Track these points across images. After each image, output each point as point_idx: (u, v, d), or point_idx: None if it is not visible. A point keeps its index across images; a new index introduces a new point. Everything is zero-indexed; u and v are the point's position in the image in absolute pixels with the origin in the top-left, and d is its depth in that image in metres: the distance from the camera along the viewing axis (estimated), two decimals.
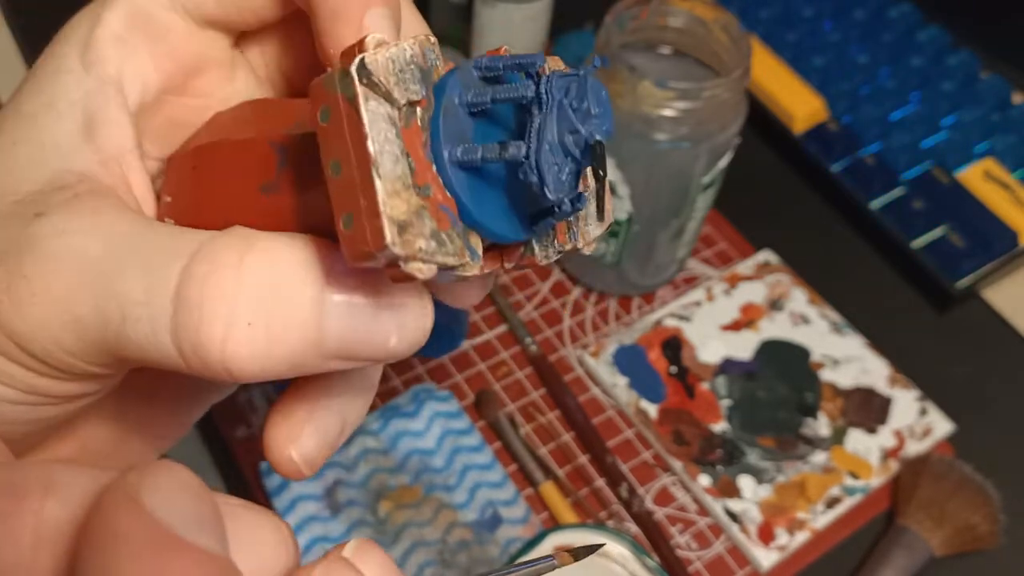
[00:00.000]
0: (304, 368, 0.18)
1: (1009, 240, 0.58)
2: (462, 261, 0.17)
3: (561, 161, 0.17)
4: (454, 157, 0.17)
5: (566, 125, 0.17)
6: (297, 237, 0.18)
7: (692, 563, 0.47)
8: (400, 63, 0.16)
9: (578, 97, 0.17)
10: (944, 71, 0.66)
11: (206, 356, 0.17)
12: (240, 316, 0.17)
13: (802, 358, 0.54)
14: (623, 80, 0.45)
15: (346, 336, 0.18)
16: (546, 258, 0.19)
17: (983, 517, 0.47)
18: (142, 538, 0.13)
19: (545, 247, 0.19)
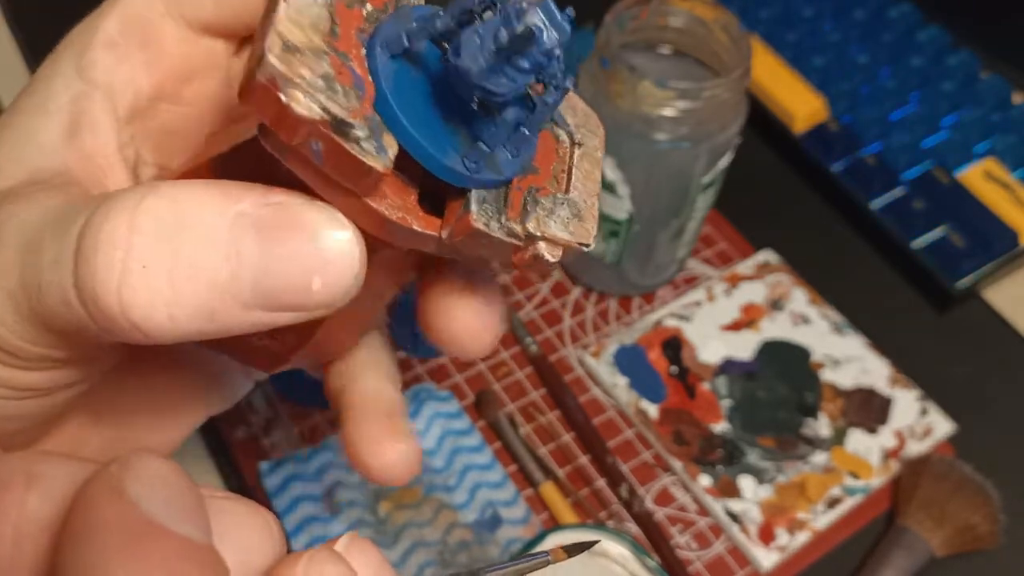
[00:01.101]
0: (225, 320, 0.16)
1: (1009, 240, 0.58)
2: (356, 125, 0.15)
3: (487, 40, 0.15)
4: (384, 40, 0.16)
5: (501, 18, 0.16)
6: (206, 180, 0.17)
7: (692, 563, 0.47)
8: None
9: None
10: (944, 71, 0.66)
11: (105, 307, 0.15)
12: (134, 258, 0.15)
13: (802, 358, 0.54)
14: (623, 80, 0.45)
15: (262, 277, 0.16)
16: (485, 224, 0.17)
17: (983, 517, 0.47)
18: (125, 527, 0.13)
19: (486, 210, 0.18)
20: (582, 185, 0.19)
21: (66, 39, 0.21)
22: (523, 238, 0.18)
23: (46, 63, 0.21)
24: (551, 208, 0.19)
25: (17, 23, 0.67)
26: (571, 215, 0.19)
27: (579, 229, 0.19)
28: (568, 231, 0.19)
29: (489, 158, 0.18)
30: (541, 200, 0.19)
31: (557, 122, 0.20)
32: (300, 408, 0.50)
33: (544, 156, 0.19)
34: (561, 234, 0.19)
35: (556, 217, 0.19)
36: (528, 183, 0.19)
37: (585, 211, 0.19)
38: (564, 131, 0.20)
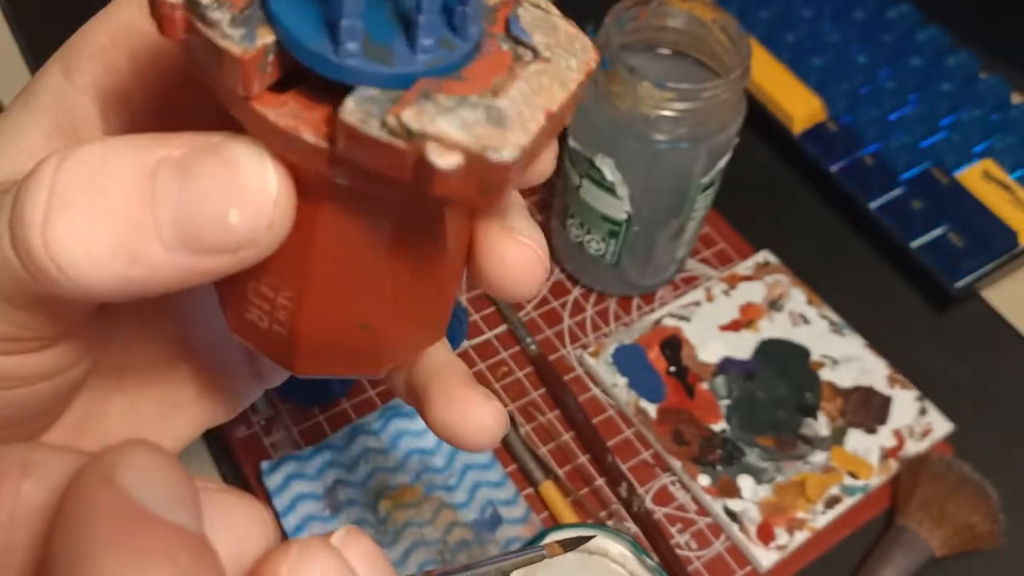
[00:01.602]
0: (149, 263, 0.16)
1: (1008, 240, 0.58)
2: (211, 7, 0.15)
3: None
4: None
5: None
6: (144, 133, 0.17)
7: (692, 563, 0.47)
8: None
9: None
10: (943, 71, 0.66)
11: (33, 249, 0.15)
12: (57, 198, 0.15)
13: (801, 358, 0.54)
14: (623, 81, 0.45)
15: (180, 213, 0.15)
16: (360, 120, 0.15)
17: (983, 517, 0.47)
18: (116, 515, 0.13)
19: (365, 107, 0.15)
20: (525, 96, 0.15)
21: (63, 46, 0.21)
22: (405, 136, 0.15)
23: (45, 65, 0.21)
24: (451, 107, 0.15)
25: (17, 23, 0.67)
26: (484, 119, 0.15)
27: (489, 133, 0.15)
28: (469, 132, 0.15)
29: (377, 49, 0.15)
30: (438, 97, 0.15)
31: (522, 41, 0.17)
32: (300, 408, 0.50)
33: (486, 70, 0.16)
34: (455, 133, 0.14)
35: (454, 115, 0.15)
36: (442, 88, 0.15)
37: (513, 120, 0.15)
38: (528, 49, 0.17)
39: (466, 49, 0.16)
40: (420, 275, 0.19)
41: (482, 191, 0.15)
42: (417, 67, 0.15)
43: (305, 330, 0.19)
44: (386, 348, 0.20)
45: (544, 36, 0.17)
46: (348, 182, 0.16)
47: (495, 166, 0.14)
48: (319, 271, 0.18)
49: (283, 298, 0.18)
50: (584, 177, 0.50)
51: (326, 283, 0.18)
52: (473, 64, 0.16)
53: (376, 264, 0.18)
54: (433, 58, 0.15)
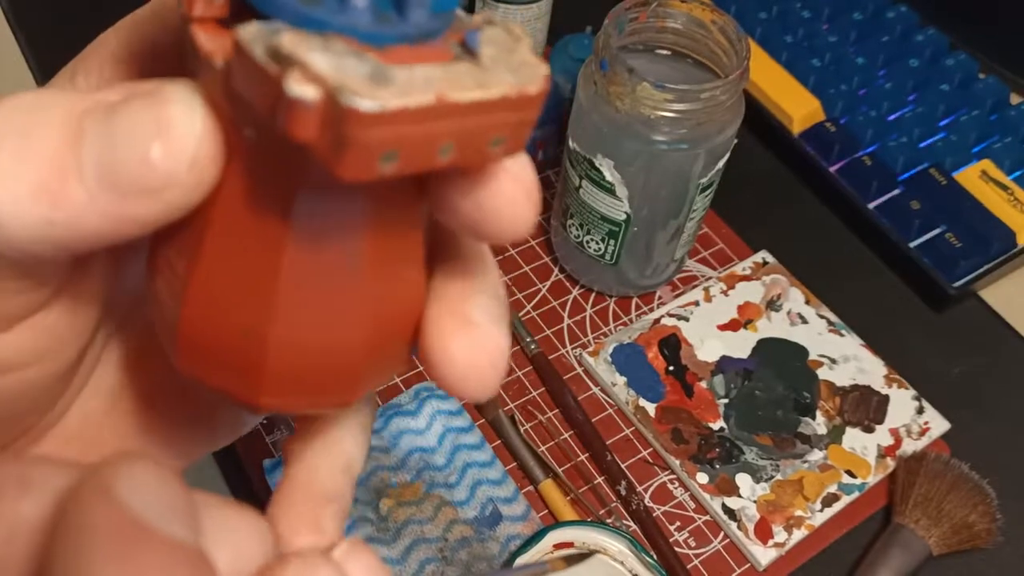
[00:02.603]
0: (71, 206, 0.15)
1: (1006, 240, 0.58)
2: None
3: None
4: None
5: None
6: None
7: (690, 560, 0.47)
8: None
9: None
10: (942, 72, 0.66)
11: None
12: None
13: (799, 357, 0.54)
14: (622, 82, 0.45)
15: (102, 151, 0.15)
16: (250, 40, 0.14)
17: (980, 515, 0.47)
18: (114, 528, 0.13)
19: (264, 33, 0.14)
20: (427, 76, 0.14)
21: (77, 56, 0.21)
22: (278, 61, 0.13)
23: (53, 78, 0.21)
24: (339, 51, 0.14)
25: (17, 23, 0.68)
26: (366, 72, 0.13)
27: (360, 82, 0.13)
28: (339, 72, 0.13)
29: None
30: (335, 42, 0.14)
31: (469, 49, 0.15)
32: None
33: (412, 55, 0.14)
34: (323, 67, 0.13)
35: (333, 56, 0.13)
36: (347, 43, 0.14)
37: (395, 84, 0.13)
38: (470, 56, 0.15)
39: (401, 31, 0.14)
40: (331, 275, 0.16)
41: (335, 146, 0.13)
42: (334, 19, 0.14)
43: (191, 326, 0.16)
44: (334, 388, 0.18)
45: (494, 51, 0.15)
46: (253, 135, 0.15)
47: (348, 112, 0.13)
48: (224, 251, 0.16)
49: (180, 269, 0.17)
50: (584, 178, 0.50)
51: (218, 268, 0.16)
52: (401, 47, 0.14)
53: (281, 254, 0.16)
54: (358, 21, 0.14)
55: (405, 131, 0.13)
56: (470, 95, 0.14)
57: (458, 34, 0.15)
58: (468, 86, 0.14)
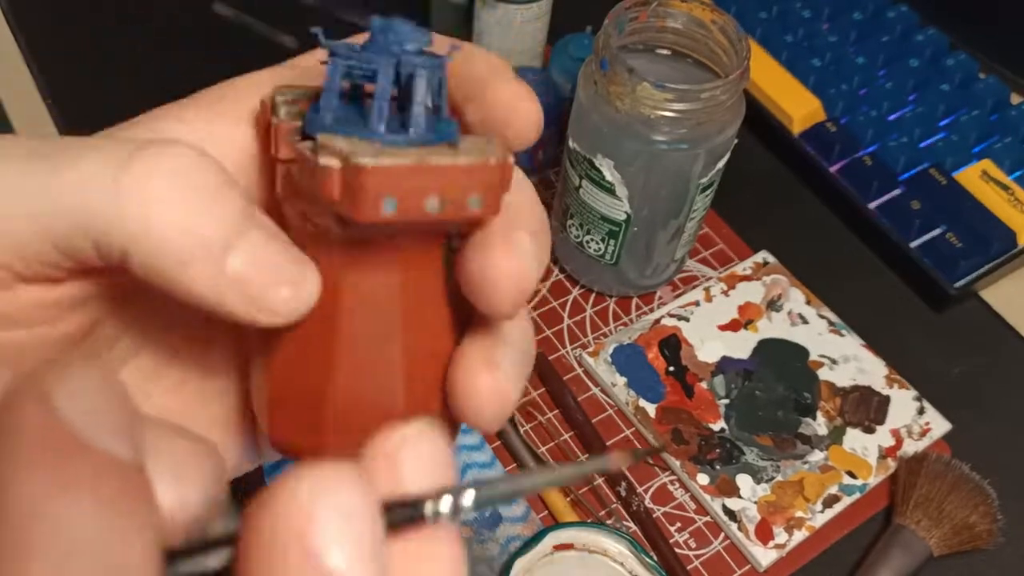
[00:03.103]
0: (200, 270, 0.18)
1: (1007, 240, 0.58)
2: (280, 103, 0.21)
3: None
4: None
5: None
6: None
7: (691, 561, 0.47)
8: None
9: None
10: (942, 72, 0.66)
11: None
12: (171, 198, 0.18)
13: (800, 358, 0.54)
14: (622, 82, 0.45)
15: (255, 258, 0.18)
16: (292, 132, 0.20)
17: (980, 516, 0.47)
18: (43, 436, 0.13)
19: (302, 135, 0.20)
20: (414, 150, 0.20)
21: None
22: (316, 151, 0.19)
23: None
24: (354, 142, 0.19)
25: (17, 23, 0.68)
26: (372, 149, 0.19)
27: (364, 149, 0.19)
28: (351, 146, 0.19)
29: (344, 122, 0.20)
30: (355, 139, 0.19)
31: (454, 144, 0.21)
32: None
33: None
34: (342, 145, 0.19)
35: (349, 140, 0.19)
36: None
37: (389, 152, 0.19)
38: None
39: (406, 138, 0.20)
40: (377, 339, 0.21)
41: (351, 195, 0.18)
42: (359, 132, 0.20)
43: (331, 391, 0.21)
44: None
45: (470, 144, 0.20)
46: (312, 223, 0.20)
47: (356, 167, 0.18)
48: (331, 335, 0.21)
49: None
50: (584, 178, 0.50)
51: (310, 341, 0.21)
52: (414, 148, 0.20)
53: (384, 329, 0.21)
54: (375, 132, 0.20)
55: (398, 182, 0.18)
56: (442, 160, 0.19)
57: (447, 145, 0.20)
58: (443, 155, 0.19)
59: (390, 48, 0.21)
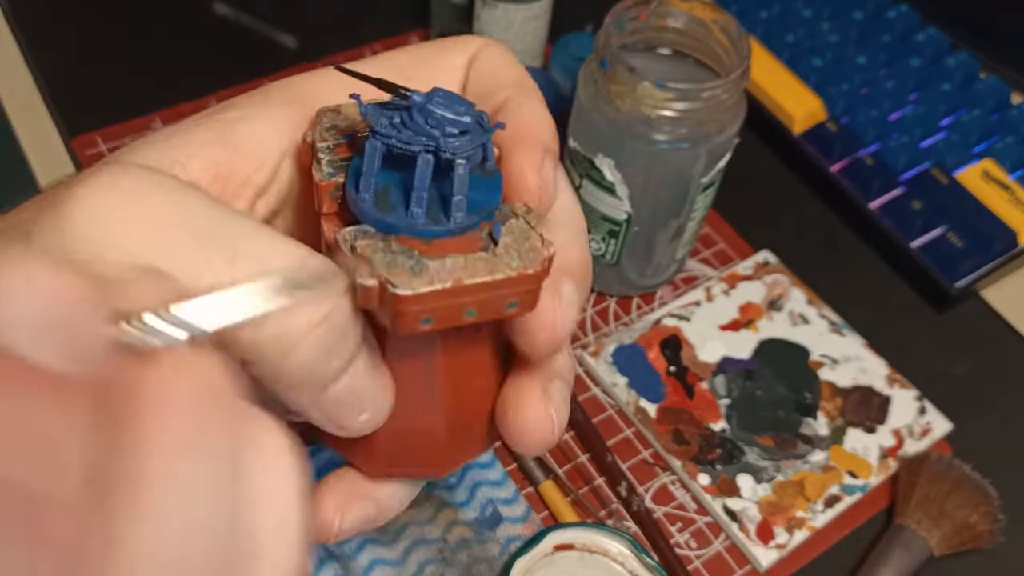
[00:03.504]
0: (304, 379, 0.20)
1: (1008, 240, 0.58)
2: (323, 162, 0.23)
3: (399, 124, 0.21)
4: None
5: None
6: None
7: (691, 562, 0.47)
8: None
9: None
10: (943, 72, 0.66)
11: None
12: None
13: (801, 358, 0.54)
14: (623, 81, 0.45)
15: (351, 382, 0.20)
16: (343, 240, 0.21)
17: (982, 516, 0.47)
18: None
19: (354, 234, 0.21)
20: (451, 266, 0.20)
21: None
22: (355, 255, 0.20)
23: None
24: (396, 251, 0.20)
25: (17, 23, 0.68)
26: (409, 266, 0.20)
27: (402, 275, 0.20)
28: (388, 269, 0.20)
29: (385, 204, 0.21)
30: (394, 243, 0.20)
31: (494, 238, 0.21)
32: None
33: (451, 245, 0.21)
34: (379, 265, 0.20)
35: (390, 256, 0.20)
36: (404, 241, 0.21)
37: (427, 274, 0.20)
38: (493, 243, 0.21)
39: (447, 227, 0.21)
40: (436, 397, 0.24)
41: (390, 315, 0.20)
42: (400, 222, 0.21)
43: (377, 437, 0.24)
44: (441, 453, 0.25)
45: (511, 239, 0.21)
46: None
47: (393, 296, 0.19)
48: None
49: None
50: (584, 177, 0.50)
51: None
52: (445, 239, 0.21)
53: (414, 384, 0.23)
54: (415, 222, 0.21)
55: (434, 304, 0.20)
56: (480, 279, 0.20)
57: (490, 223, 0.21)
58: (480, 272, 0.20)
59: (429, 130, 0.21)
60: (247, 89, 0.67)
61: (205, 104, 0.64)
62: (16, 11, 0.68)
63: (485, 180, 0.22)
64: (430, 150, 0.21)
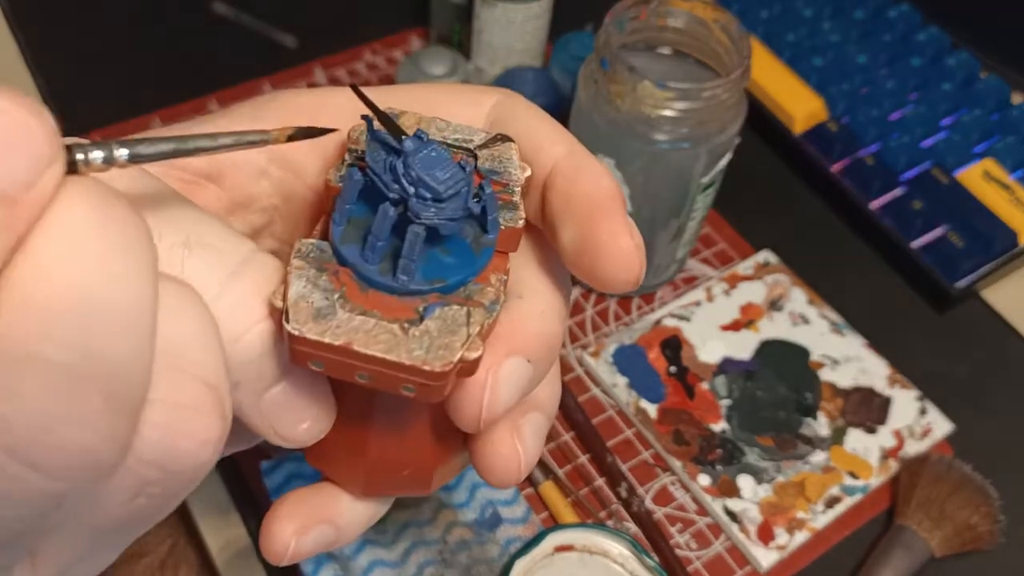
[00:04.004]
0: (243, 390, 0.20)
1: (1008, 240, 0.58)
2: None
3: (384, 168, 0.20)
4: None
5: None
6: None
7: (692, 563, 0.47)
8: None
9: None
10: (943, 72, 0.66)
11: None
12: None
13: (801, 358, 0.54)
14: (623, 81, 0.45)
15: (291, 388, 0.20)
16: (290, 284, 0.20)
17: (982, 517, 0.47)
18: None
19: (303, 281, 0.20)
20: (363, 320, 0.19)
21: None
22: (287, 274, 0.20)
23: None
24: (318, 282, 0.19)
25: (17, 23, 0.67)
26: (319, 307, 0.19)
27: (304, 311, 0.19)
28: (299, 299, 0.19)
29: (349, 238, 0.20)
30: (323, 277, 0.20)
31: (422, 319, 0.20)
32: None
33: (394, 304, 0.20)
34: (292, 292, 0.19)
35: (308, 284, 0.19)
36: (345, 284, 0.20)
37: (335, 320, 0.19)
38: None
39: (389, 284, 0.20)
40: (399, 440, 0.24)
41: (297, 359, 0.19)
42: (351, 258, 0.20)
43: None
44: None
45: (436, 325, 0.20)
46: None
47: (284, 327, 0.19)
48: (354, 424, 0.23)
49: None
50: None
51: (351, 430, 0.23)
52: (383, 295, 0.20)
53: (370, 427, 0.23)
54: (366, 267, 0.20)
55: (322, 354, 0.19)
56: (371, 351, 0.19)
57: (441, 298, 0.20)
58: (376, 345, 0.19)
59: (404, 184, 0.20)
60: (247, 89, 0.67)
61: (205, 104, 0.64)
62: (16, 11, 0.68)
63: (468, 252, 0.21)
64: (396, 203, 0.20)
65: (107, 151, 0.16)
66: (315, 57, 0.68)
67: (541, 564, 0.43)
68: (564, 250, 0.22)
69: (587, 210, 0.21)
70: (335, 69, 0.67)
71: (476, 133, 0.23)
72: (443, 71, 0.60)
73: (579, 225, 0.21)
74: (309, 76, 0.67)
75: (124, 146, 0.16)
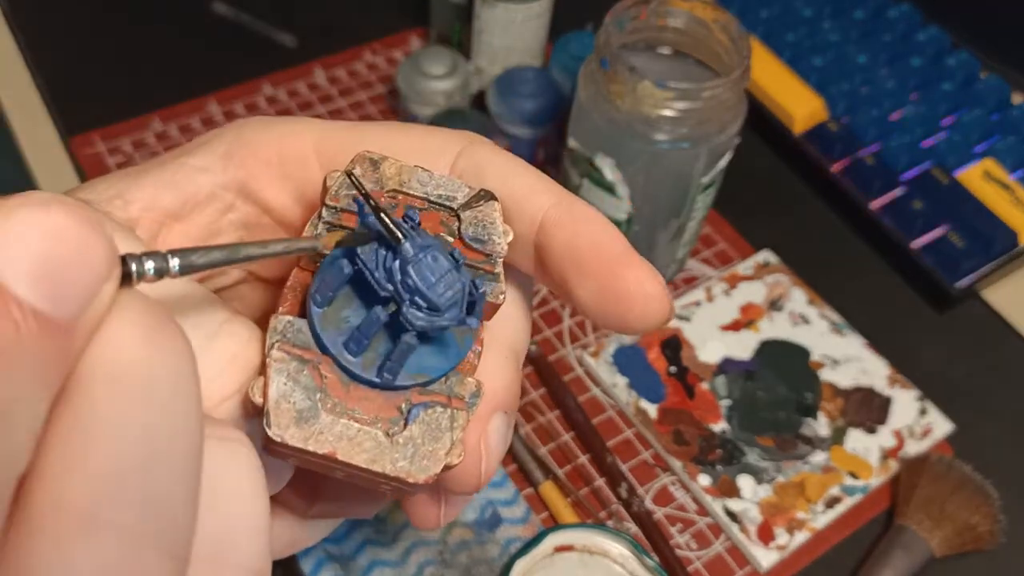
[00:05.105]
0: None
1: (1009, 240, 0.58)
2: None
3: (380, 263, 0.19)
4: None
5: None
6: None
7: (692, 563, 0.47)
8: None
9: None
10: (944, 71, 0.66)
11: None
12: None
13: (802, 358, 0.54)
14: (623, 80, 0.45)
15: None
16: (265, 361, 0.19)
17: (983, 517, 0.47)
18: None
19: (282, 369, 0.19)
20: (345, 427, 0.19)
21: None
22: (266, 362, 0.19)
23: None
24: (300, 379, 0.19)
25: (17, 23, 0.67)
26: (300, 408, 0.18)
27: (285, 414, 0.18)
28: (280, 399, 0.18)
29: (335, 326, 0.20)
30: (304, 373, 0.19)
31: (406, 422, 0.20)
32: None
33: (377, 403, 0.20)
34: (272, 391, 0.18)
35: (290, 381, 0.19)
36: (325, 375, 0.19)
37: (317, 424, 0.18)
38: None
39: (372, 380, 0.19)
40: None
41: (276, 456, 0.19)
42: (334, 348, 0.19)
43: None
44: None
45: (420, 430, 0.19)
46: None
47: (263, 429, 0.18)
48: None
49: None
50: (584, 177, 0.50)
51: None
52: (366, 389, 0.20)
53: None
54: (348, 359, 0.19)
55: (302, 457, 0.19)
56: (355, 461, 0.18)
57: (423, 397, 0.20)
58: (360, 455, 0.19)
59: (399, 288, 0.19)
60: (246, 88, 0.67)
61: (204, 104, 0.64)
62: (16, 11, 0.68)
63: (451, 343, 0.20)
64: (386, 302, 0.19)
65: (160, 262, 0.15)
66: (315, 57, 0.68)
67: (541, 564, 0.43)
68: (585, 304, 0.21)
69: (602, 261, 0.21)
70: (335, 69, 0.67)
71: (460, 188, 0.22)
72: (443, 71, 0.60)
73: (598, 278, 0.21)
74: (309, 76, 0.67)
75: (177, 256, 0.15)
